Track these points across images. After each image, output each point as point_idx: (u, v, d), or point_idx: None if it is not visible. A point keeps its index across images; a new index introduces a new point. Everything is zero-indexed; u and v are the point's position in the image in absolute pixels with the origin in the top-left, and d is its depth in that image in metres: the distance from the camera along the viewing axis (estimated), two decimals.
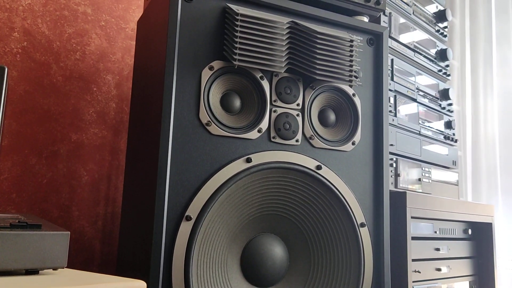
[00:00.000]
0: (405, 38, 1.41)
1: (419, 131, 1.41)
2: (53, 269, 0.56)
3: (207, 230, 0.82)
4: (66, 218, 1.15)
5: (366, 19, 1.06)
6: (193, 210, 0.80)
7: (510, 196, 1.90)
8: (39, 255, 0.54)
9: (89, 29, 1.24)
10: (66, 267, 0.59)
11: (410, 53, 1.43)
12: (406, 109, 1.38)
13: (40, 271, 0.57)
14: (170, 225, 0.78)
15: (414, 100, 1.42)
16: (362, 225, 0.95)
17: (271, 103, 0.90)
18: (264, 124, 0.88)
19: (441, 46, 1.59)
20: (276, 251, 0.90)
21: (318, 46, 0.90)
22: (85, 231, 1.19)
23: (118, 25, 1.31)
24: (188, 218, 0.79)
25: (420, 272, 1.19)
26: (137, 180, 0.92)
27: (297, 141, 0.91)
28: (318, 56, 0.90)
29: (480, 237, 1.50)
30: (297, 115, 0.92)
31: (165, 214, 0.77)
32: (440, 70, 1.58)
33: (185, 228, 0.79)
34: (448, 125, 1.57)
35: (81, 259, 1.17)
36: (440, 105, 1.55)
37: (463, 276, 1.40)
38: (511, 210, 1.89)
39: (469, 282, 1.43)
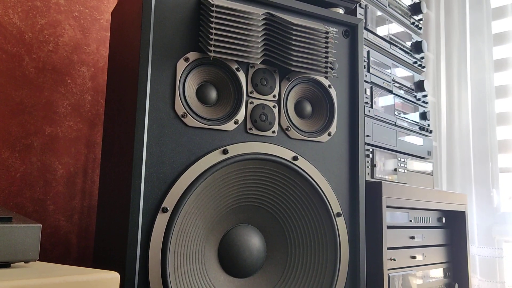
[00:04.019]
0: (381, 30, 1.43)
1: (395, 122, 1.43)
2: (25, 262, 0.56)
3: (184, 222, 0.82)
4: (41, 212, 1.14)
5: (341, 11, 1.07)
6: (169, 202, 0.80)
7: (483, 184, 1.95)
8: (10, 248, 0.53)
9: (62, 20, 1.22)
10: (38, 260, 0.58)
11: (386, 45, 1.45)
12: (382, 100, 1.40)
13: (11, 264, 0.57)
14: (146, 218, 0.78)
15: (390, 91, 1.44)
16: (338, 215, 0.96)
17: (247, 95, 0.90)
18: (240, 116, 0.89)
19: (416, 38, 1.61)
20: (254, 241, 0.91)
21: (294, 37, 0.91)
22: (61, 225, 1.18)
23: (92, 16, 1.28)
24: (165, 210, 0.79)
25: (395, 260, 1.22)
26: (113, 173, 0.91)
27: (273, 132, 0.92)
28: (293, 48, 0.91)
29: (453, 225, 1.54)
30: (274, 106, 0.93)
31: (141, 207, 0.77)
32: (415, 62, 1.60)
33: (161, 220, 0.79)
34: (423, 116, 1.59)
35: (57, 253, 1.16)
36: (415, 96, 1.57)
37: (437, 263, 1.44)
38: (484, 199, 1.94)
39: (443, 269, 1.47)
